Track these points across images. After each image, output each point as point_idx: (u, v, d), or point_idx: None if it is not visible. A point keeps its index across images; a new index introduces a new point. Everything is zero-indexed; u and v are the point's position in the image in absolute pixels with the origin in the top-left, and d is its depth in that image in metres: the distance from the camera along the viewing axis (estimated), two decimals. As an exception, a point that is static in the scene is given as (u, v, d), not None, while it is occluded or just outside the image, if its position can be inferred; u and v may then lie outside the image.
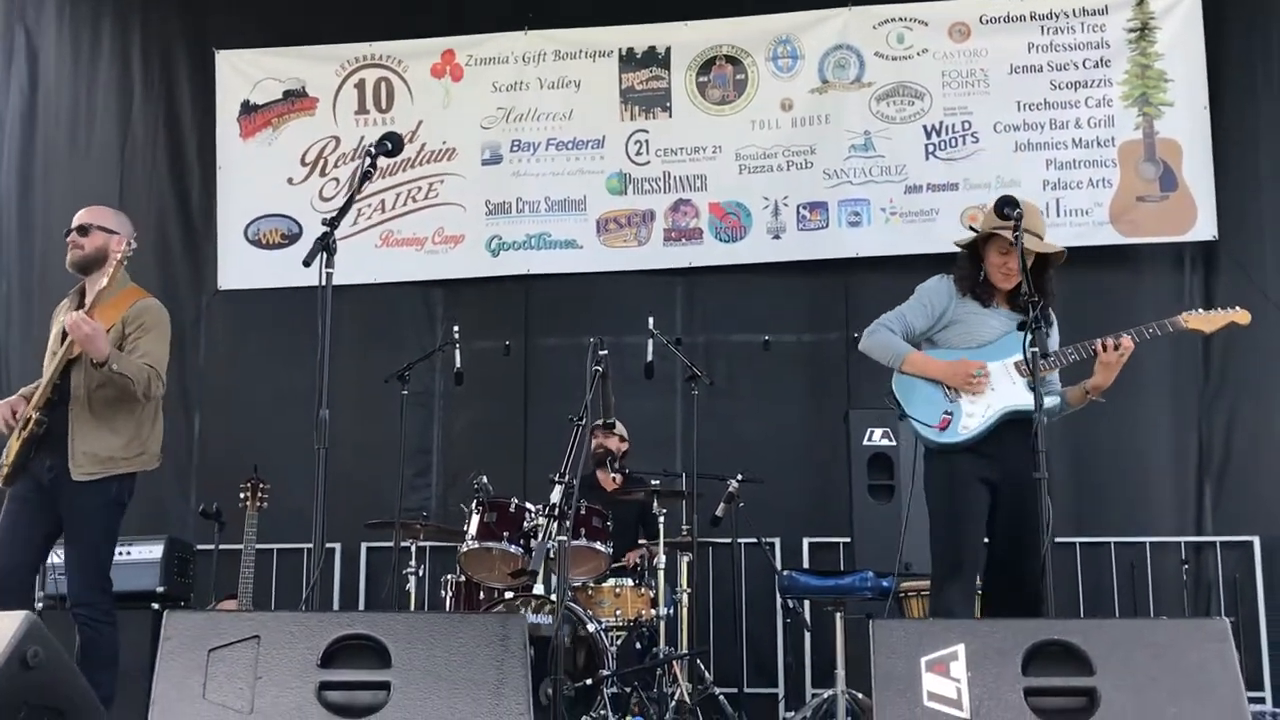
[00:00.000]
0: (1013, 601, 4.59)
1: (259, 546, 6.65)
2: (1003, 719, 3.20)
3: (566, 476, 5.10)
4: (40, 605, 6.40)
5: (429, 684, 3.21)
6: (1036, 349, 4.43)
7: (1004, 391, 4.72)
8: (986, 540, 4.85)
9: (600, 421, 5.48)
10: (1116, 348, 4.66)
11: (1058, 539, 4.51)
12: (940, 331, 4.93)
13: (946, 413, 4.74)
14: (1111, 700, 3.20)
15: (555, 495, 5.33)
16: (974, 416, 4.72)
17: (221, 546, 6.89)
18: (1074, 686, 3.24)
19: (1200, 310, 4.93)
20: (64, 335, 5.20)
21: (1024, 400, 4.60)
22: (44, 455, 5.17)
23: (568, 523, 5.14)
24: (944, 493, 4.78)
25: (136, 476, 5.35)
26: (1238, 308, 4.88)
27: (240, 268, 8.55)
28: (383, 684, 3.21)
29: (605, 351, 5.19)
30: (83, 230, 5.36)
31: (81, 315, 5.01)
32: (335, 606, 7.81)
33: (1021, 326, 4.57)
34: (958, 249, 5.03)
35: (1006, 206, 4.57)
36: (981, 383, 4.73)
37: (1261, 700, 6.99)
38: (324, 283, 4.12)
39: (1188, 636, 3.33)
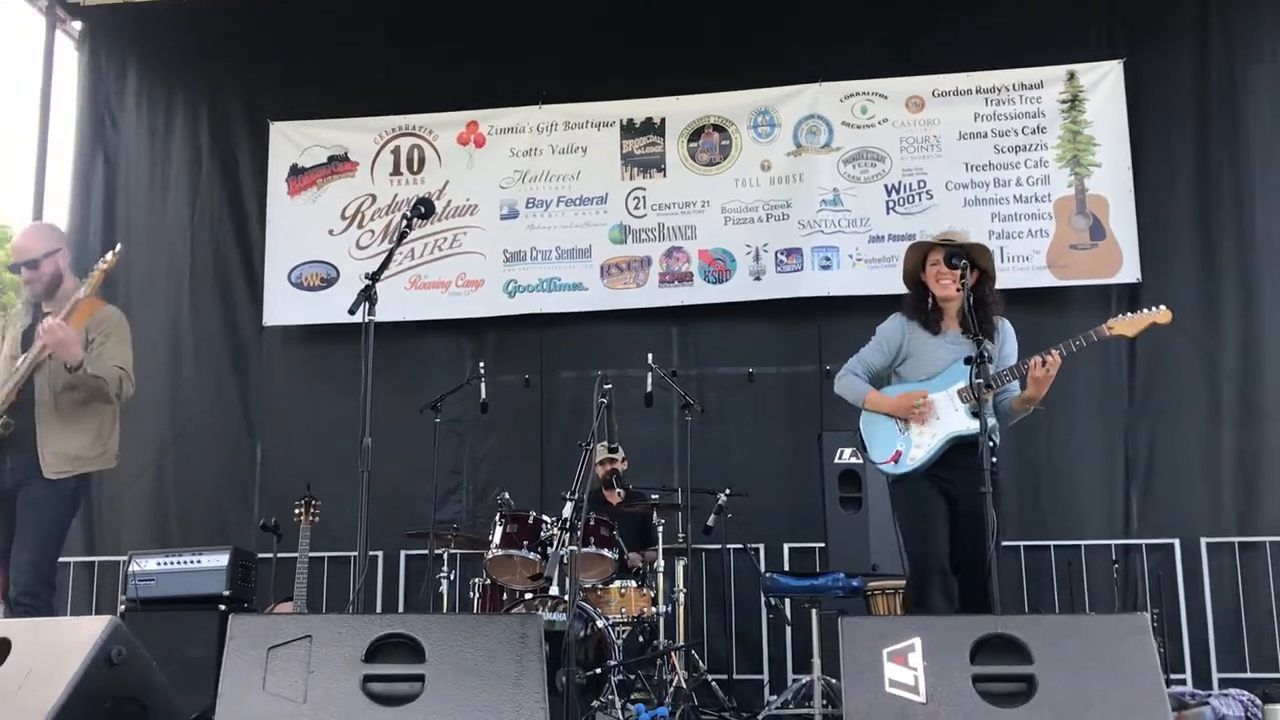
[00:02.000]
0: (968, 599, 4.59)
1: (311, 555, 6.69)
2: (954, 703, 3.24)
3: (577, 494, 5.15)
4: (124, 608, 6.46)
5: (458, 676, 3.26)
6: (982, 380, 4.42)
7: (947, 420, 4.73)
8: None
9: (606, 446, 5.51)
10: (1044, 364, 4.60)
11: (1004, 543, 4.48)
12: (900, 365, 4.96)
13: (898, 447, 4.78)
14: (1048, 685, 3.24)
15: (567, 510, 5.40)
16: (921, 447, 4.74)
17: (279, 555, 6.91)
18: (1015, 674, 3.28)
19: (1126, 315, 4.78)
20: (24, 341, 4.93)
21: (964, 426, 4.65)
22: (4, 456, 4.86)
23: (578, 534, 5.18)
24: (910, 514, 4.82)
25: (90, 479, 5.06)
26: (1161, 307, 4.70)
27: (283, 307, 8.58)
28: (418, 677, 3.26)
29: (609, 385, 5.27)
30: (33, 264, 4.95)
31: (56, 322, 4.69)
32: (379, 608, 7.81)
33: (968, 360, 4.53)
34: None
35: (954, 258, 4.68)
36: (924, 411, 4.74)
37: (1183, 681, 6.98)
38: (366, 324, 4.30)
39: (1113, 629, 3.37)
